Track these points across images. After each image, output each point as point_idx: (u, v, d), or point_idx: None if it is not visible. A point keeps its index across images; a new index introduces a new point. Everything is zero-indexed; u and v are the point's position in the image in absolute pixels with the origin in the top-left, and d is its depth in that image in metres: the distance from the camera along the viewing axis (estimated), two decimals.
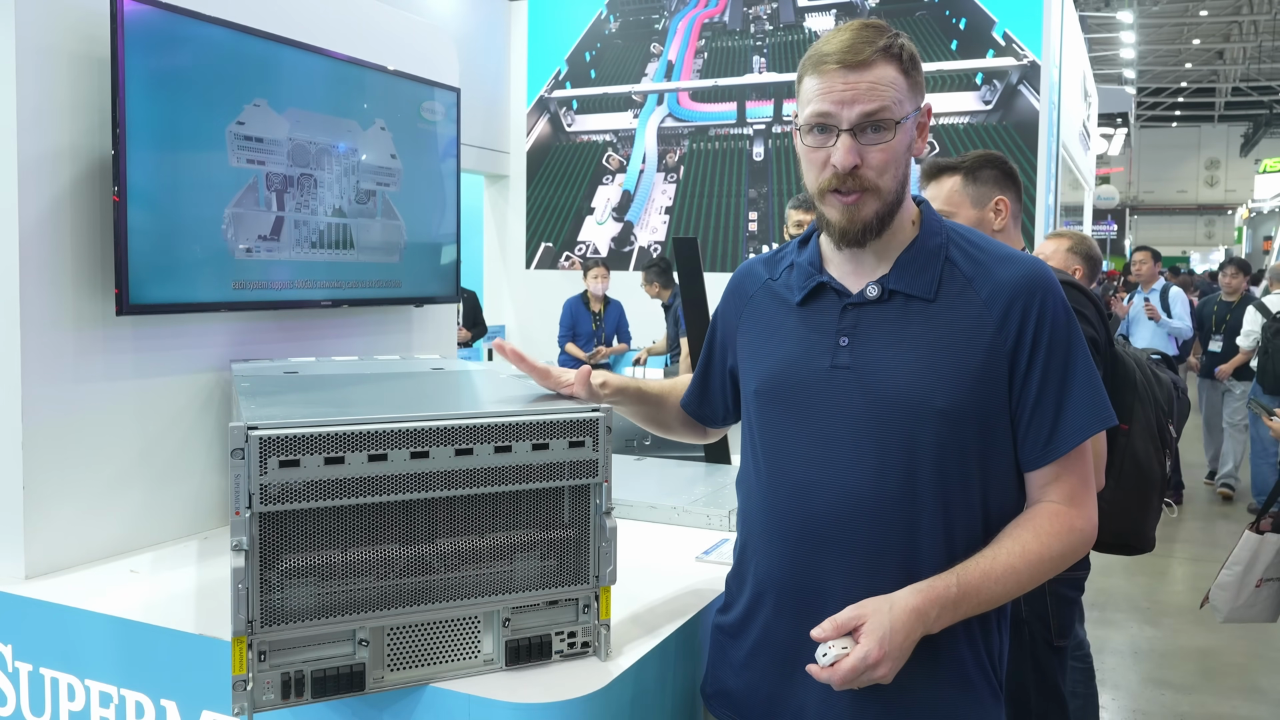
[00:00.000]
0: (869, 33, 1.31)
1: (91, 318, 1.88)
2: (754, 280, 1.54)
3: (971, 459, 1.34)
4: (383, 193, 2.45)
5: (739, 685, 1.47)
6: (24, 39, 1.74)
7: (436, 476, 1.32)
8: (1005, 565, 1.30)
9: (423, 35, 2.79)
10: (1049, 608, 2.27)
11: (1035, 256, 1.45)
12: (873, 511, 1.33)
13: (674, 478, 2.53)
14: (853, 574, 1.34)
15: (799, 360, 1.40)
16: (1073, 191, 12.58)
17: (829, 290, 1.41)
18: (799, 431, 1.39)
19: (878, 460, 1.33)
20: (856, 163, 1.30)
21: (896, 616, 1.25)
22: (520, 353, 1.54)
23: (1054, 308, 1.35)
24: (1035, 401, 1.34)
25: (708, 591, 1.73)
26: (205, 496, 2.12)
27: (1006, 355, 1.33)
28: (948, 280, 1.36)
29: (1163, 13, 22.39)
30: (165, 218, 1.92)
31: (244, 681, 1.24)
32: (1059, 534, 1.34)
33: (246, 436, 1.22)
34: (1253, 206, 26.92)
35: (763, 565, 1.43)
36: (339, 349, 2.46)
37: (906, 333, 1.35)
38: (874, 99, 1.29)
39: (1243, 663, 4.37)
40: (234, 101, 2.04)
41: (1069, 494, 1.37)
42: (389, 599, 1.32)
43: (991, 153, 2.38)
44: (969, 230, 1.44)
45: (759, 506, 1.45)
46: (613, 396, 1.59)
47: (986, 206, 2.29)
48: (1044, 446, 1.35)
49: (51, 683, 1.63)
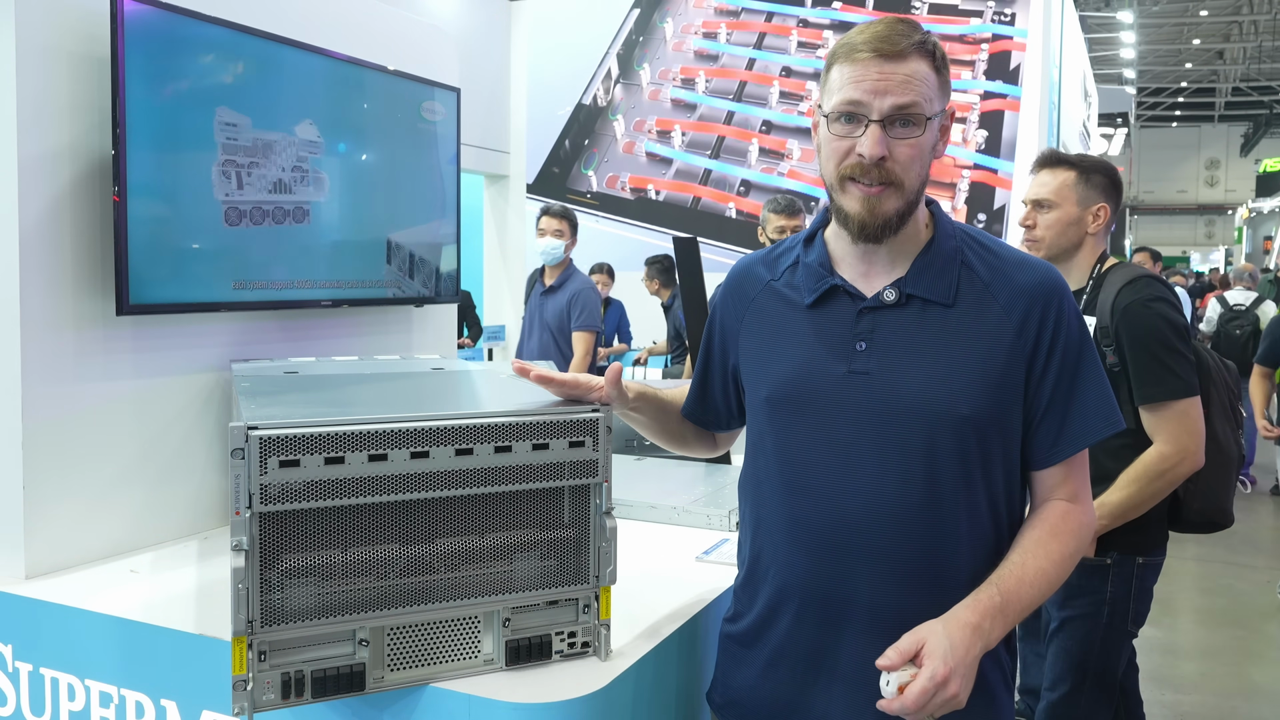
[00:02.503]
0: (904, 26, 1.30)
1: (91, 318, 1.88)
2: (754, 282, 1.50)
3: (993, 463, 1.35)
4: (384, 193, 2.45)
5: (755, 694, 1.44)
6: (24, 39, 1.74)
7: (436, 476, 1.32)
8: (1035, 569, 1.32)
9: (423, 35, 2.79)
10: (1132, 593, 2.32)
11: (1048, 262, 1.47)
12: (898, 518, 1.32)
13: (674, 478, 2.53)
14: (879, 580, 1.34)
15: (814, 365, 1.38)
16: None
17: (842, 293, 1.39)
18: (817, 438, 1.37)
19: (902, 467, 1.32)
20: (884, 154, 1.29)
21: (953, 633, 1.23)
22: (544, 374, 1.46)
23: (1068, 313, 1.36)
24: (1048, 404, 1.36)
25: (708, 592, 1.73)
26: (205, 496, 2.12)
27: (1025, 359, 1.34)
28: (965, 285, 1.35)
29: (1163, 13, 22.39)
30: (165, 217, 1.92)
31: (244, 681, 1.24)
32: (1073, 532, 1.37)
33: (246, 436, 1.22)
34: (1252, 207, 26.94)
35: (783, 573, 1.41)
36: (339, 349, 2.46)
37: (926, 338, 1.34)
38: (907, 92, 1.28)
39: (1243, 662, 4.37)
40: (234, 102, 2.04)
41: (1075, 492, 1.40)
42: (389, 599, 1.32)
43: (1107, 161, 2.50)
44: (980, 233, 1.43)
45: (777, 514, 1.42)
46: (633, 403, 1.54)
47: (1089, 208, 2.41)
48: (1051, 448, 1.37)
49: (51, 683, 1.63)
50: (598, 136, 8.90)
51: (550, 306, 4.77)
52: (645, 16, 8.83)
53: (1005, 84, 7.46)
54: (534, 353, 4.68)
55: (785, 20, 8.29)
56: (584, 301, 4.67)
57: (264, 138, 2.11)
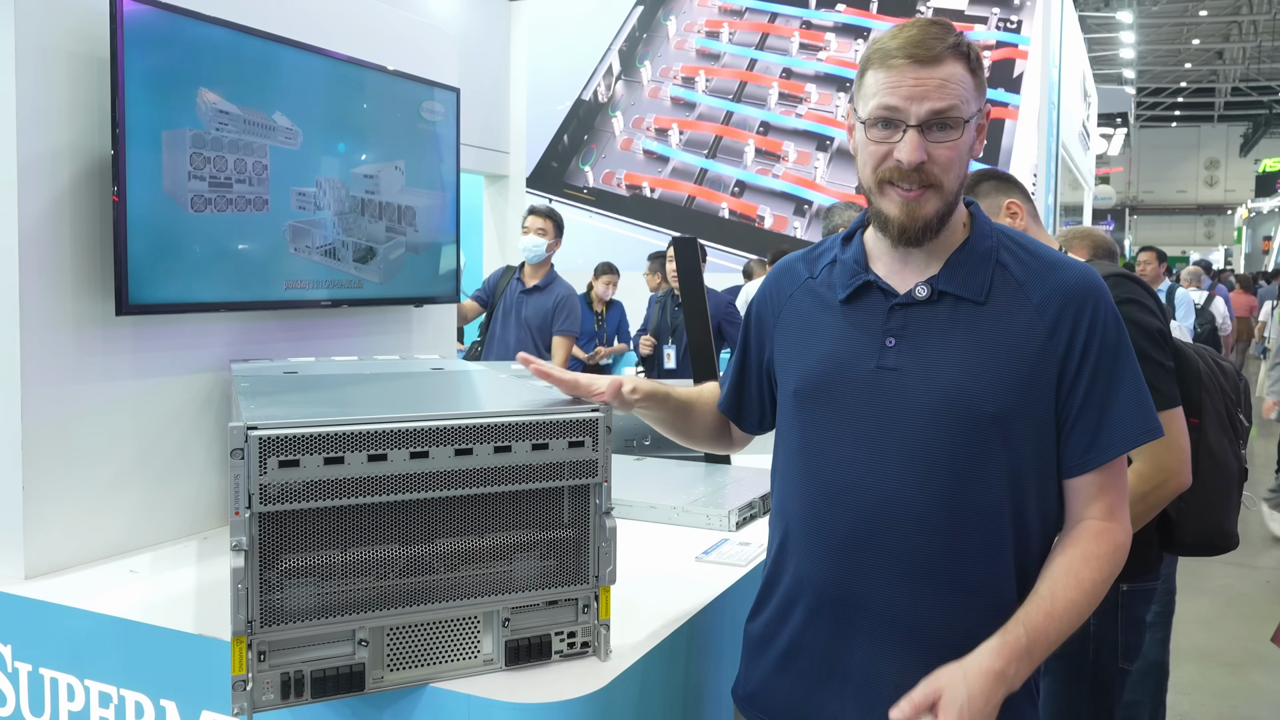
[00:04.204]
0: (937, 29, 1.29)
1: (91, 318, 1.88)
2: (793, 278, 1.50)
3: (1023, 468, 1.31)
4: (384, 193, 2.45)
5: (773, 691, 1.44)
6: (24, 39, 1.74)
7: (436, 476, 1.32)
8: (1066, 601, 1.27)
9: (423, 35, 2.79)
10: (1120, 624, 2.15)
11: (1087, 264, 1.42)
12: (918, 518, 1.30)
13: (674, 478, 2.53)
14: (895, 582, 1.32)
15: (843, 360, 1.37)
16: (1072, 191, 12.59)
17: (875, 289, 1.38)
18: (842, 433, 1.36)
19: (926, 465, 1.30)
20: (923, 159, 1.28)
21: (973, 683, 1.19)
22: (545, 369, 1.49)
23: (1105, 316, 1.33)
24: (1080, 408, 1.32)
25: (708, 592, 1.73)
26: (205, 496, 2.12)
27: (1057, 361, 1.31)
28: (999, 284, 1.34)
29: (1162, 13, 22.40)
30: (165, 217, 1.92)
31: (244, 681, 1.24)
32: (1108, 555, 1.31)
33: (246, 436, 1.22)
34: (1252, 207, 26.94)
35: (801, 568, 1.40)
36: (339, 349, 2.46)
37: (956, 335, 1.32)
38: (944, 96, 1.27)
39: (1243, 663, 4.37)
40: (232, 101, 2.04)
41: (1110, 508, 1.34)
42: (389, 599, 1.32)
43: (981, 170, 2.35)
44: (1019, 234, 1.41)
45: (799, 508, 1.41)
46: (643, 402, 1.54)
47: (1000, 214, 2.28)
48: (1084, 454, 1.32)
49: (51, 683, 1.63)
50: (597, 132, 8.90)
51: (531, 306, 4.88)
52: (649, 13, 8.83)
53: (1007, 92, 7.45)
54: (509, 347, 4.78)
55: (789, 21, 8.30)
56: (570, 307, 4.88)
57: (263, 137, 2.11)
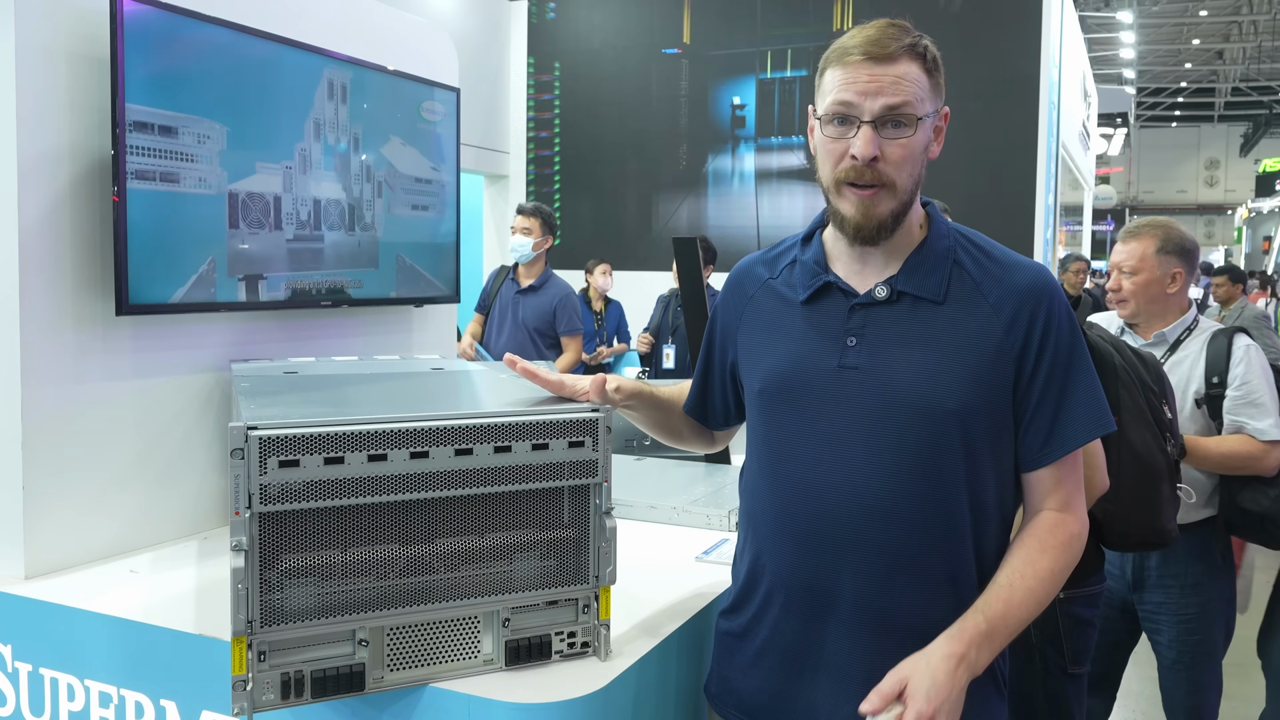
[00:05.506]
0: (895, 30, 1.32)
1: (91, 318, 1.88)
2: (753, 280, 1.53)
3: (981, 462, 1.36)
4: (384, 193, 2.45)
5: (746, 686, 1.47)
6: (24, 39, 1.74)
7: (436, 476, 1.32)
8: (1024, 590, 1.32)
9: (423, 35, 2.79)
10: (1062, 631, 2.15)
11: (1041, 264, 1.46)
12: (885, 512, 1.34)
13: (674, 478, 2.53)
14: (863, 574, 1.35)
15: (805, 360, 1.40)
16: (1072, 191, 12.59)
17: (835, 290, 1.42)
18: (807, 431, 1.39)
19: (890, 461, 1.34)
20: (876, 154, 1.31)
21: (936, 668, 1.24)
22: (531, 369, 1.52)
23: (1060, 314, 1.37)
24: (1037, 404, 1.36)
25: (708, 591, 1.73)
26: (205, 496, 2.12)
27: (1014, 359, 1.35)
28: (956, 283, 1.37)
29: (1163, 13, 22.39)
30: (165, 217, 1.92)
31: (244, 681, 1.25)
32: (1063, 545, 1.37)
33: (246, 436, 1.22)
34: (1252, 207, 26.95)
35: (771, 566, 1.43)
36: (339, 349, 2.46)
37: (915, 334, 1.36)
38: (897, 93, 1.30)
39: (1242, 663, 4.38)
40: (232, 101, 2.04)
41: (1066, 500, 1.39)
42: (389, 599, 1.32)
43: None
44: (976, 235, 1.45)
45: (767, 507, 1.44)
46: (627, 401, 1.57)
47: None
48: (1041, 449, 1.37)
49: (51, 683, 1.63)
50: None
51: (528, 306, 4.85)
52: None
53: None
54: (507, 349, 4.74)
55: None
56: (571, 306, 4.88)
57: (263, 138, 2.11)
